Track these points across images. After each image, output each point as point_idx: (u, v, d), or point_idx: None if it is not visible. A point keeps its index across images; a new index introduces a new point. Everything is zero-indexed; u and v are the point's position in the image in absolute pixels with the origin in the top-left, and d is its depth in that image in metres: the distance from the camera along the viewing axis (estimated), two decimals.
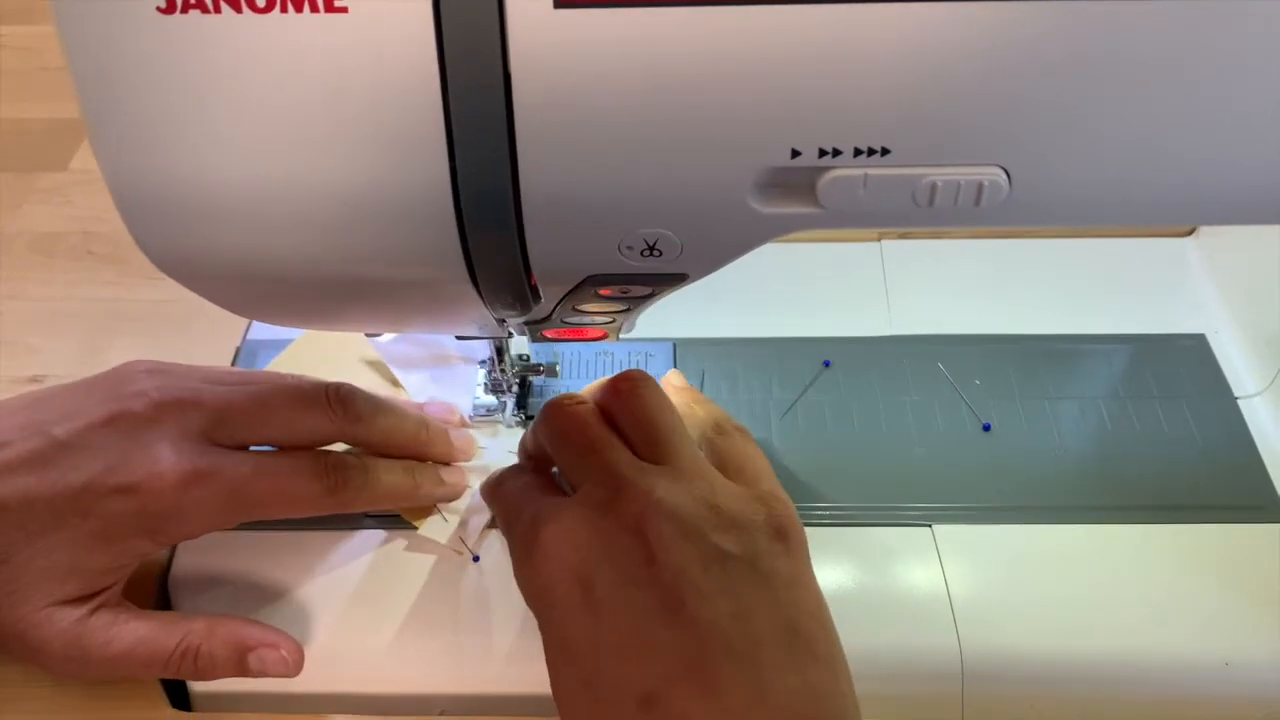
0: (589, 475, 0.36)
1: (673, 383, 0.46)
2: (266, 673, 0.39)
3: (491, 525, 0.45)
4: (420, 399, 0.49)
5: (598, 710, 0.32)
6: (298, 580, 0.44)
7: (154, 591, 0.43)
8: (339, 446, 0.46)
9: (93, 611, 0.38)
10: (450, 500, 0.45)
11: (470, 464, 0.47)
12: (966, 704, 0.41)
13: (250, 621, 0.40)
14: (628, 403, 0.39)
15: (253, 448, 0.42)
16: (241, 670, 0.39)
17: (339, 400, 0.41)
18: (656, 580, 0.33)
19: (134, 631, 0.38)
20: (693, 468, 0.37)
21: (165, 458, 0.37)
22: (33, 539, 0.36)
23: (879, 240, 0.57)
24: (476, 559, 0.44)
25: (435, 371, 0.50)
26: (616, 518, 0.34)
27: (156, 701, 0.41)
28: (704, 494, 0.35)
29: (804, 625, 0.33)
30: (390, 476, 0.42)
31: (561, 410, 0.39)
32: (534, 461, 0.42)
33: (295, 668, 0.40)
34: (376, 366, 0.51)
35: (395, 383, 0.51)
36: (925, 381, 0.51)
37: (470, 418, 0.49)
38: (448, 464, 0.47)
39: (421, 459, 0.46)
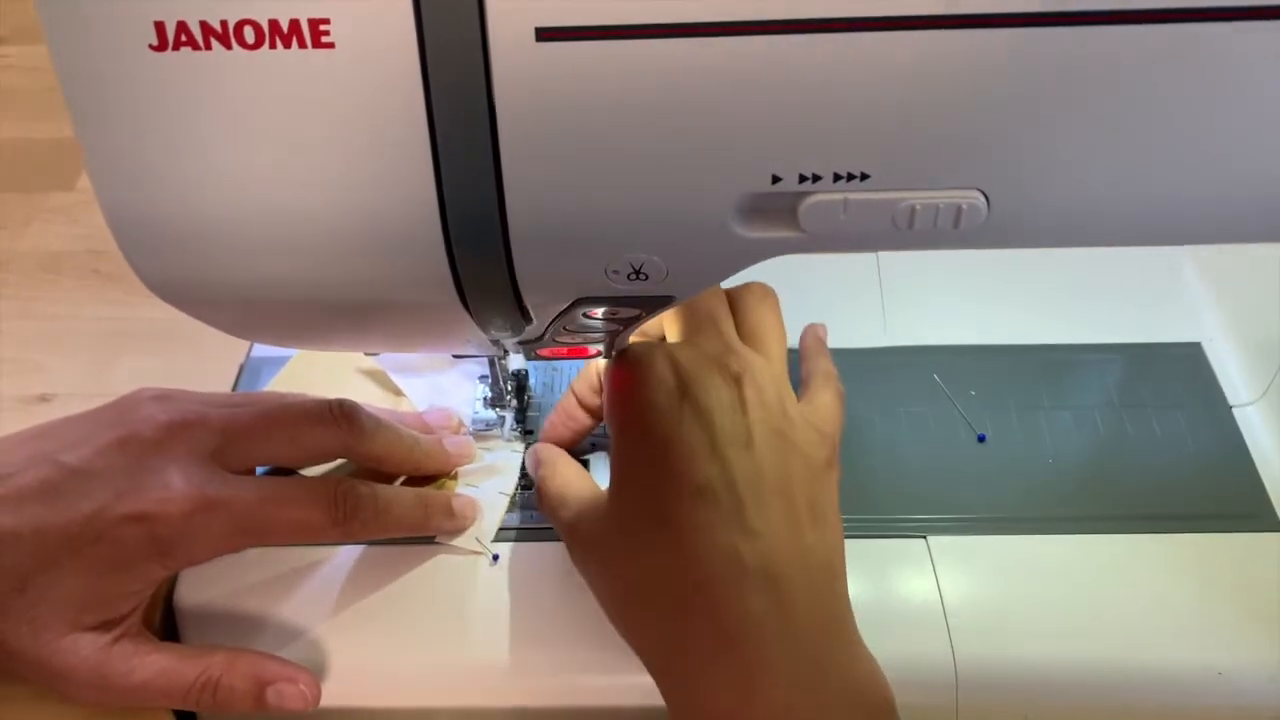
0: (706, 334, 0.41)
1: (817, 334, 0.51)
2: (284, 707, 0.40)
3: (510, 509, 0.46)
4: (421, 406, 0.50)
5: (657, 490, 0.37)
6: (302, 595, 0.44)
7: (156, 613, 0.44)
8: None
9: (115, 640, 0.38)
10: (459, 532, 0.46)
11: (479, 490, 0.47)
12: (961, 715, 0.42)
13: (269, 656, 0.41)
14: (747, 300, 0.44)
15: (261, 469, 0.42)
16: (260, 704, 0.40)
17: (344, 415, 0.42)
18: (740, 419, 0.38)
19: (155, 663, 0.39)
20: (781, 374, 0.42)
21: (174, 484, 0.38)
22: (46, 567, 0.37)
23: (875, 251, 0.57)
24: (496, 558, 0.45)
25: (435, 377, 0.51)
26: (722, 368, 0.39)
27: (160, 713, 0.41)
28: (785, 395, 0.41)
29: (829, 513, 0.39)
30: (400, 508, 0.43)
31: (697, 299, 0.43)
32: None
33: (313, 702, 0.40)
34: (375, 377, 0.52)
35: (396, 392, 0.51)
36: (920, 392, 0.51)
37: (469, 432, 0.49)
38: (445, 475, 0.47)
39: (417, 473, 0.47)
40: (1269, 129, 0.27)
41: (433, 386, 0.51)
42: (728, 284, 0.44)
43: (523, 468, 0.48)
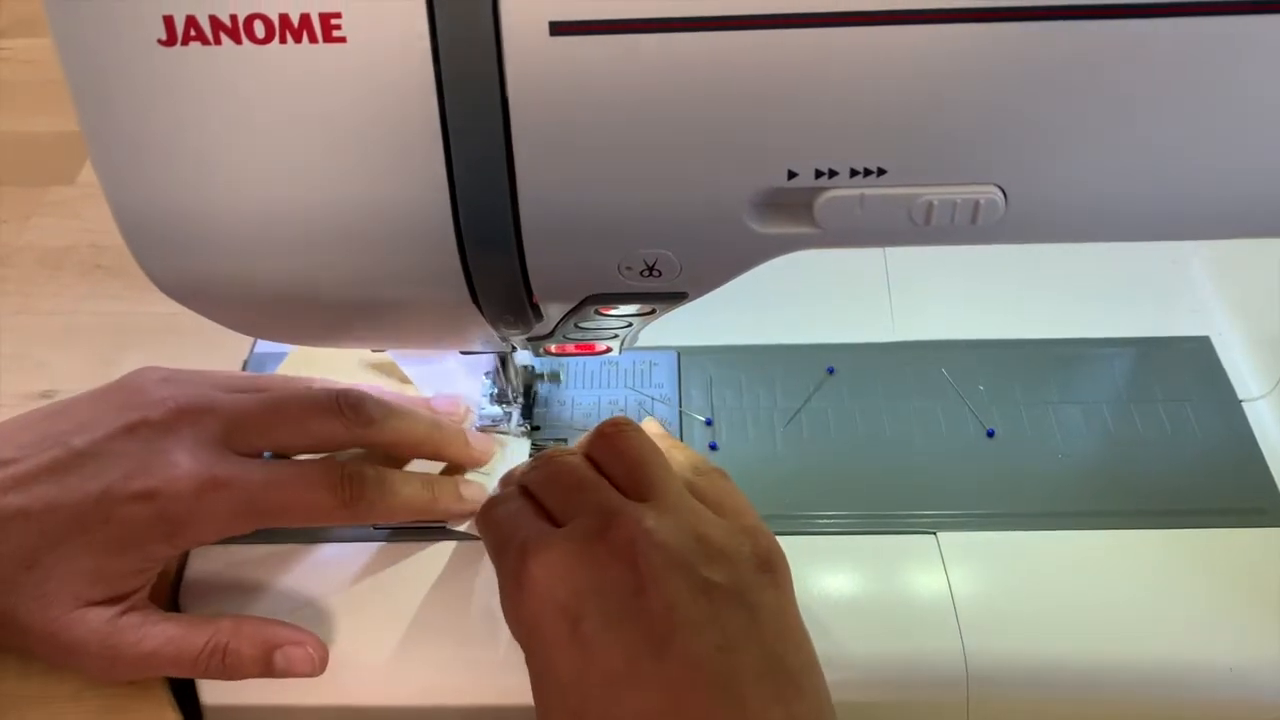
0: (580, 509, 0.37)
1: (652, 430, 0.46)
2: (292, 671, 0.40)
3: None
4: (428, 393, 0.50)
5: None
6: (306, 593, 0.44)
7: (164, 604, 0.44)
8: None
9: (123, 613, 0.39)
10: (468, 517, 0.45)
11: (490, 477, 0.47)
12: (971, 710, 0.41)
13: (275, 620, 0.41)
14: (613, 444, 0.39)
15: (268, 454, 0.42)
16: (267, 669, 0.40)
17: (350, 405, 0.42)
18: (645, 611, 0.33)
19: (164, 631, 0.39)
20: (679, 502, 0.37)
21: (182, 464, 0.38)
22: (56, 544, 0.37)
23: (890, 247, 0.57)
24: None
25: (442, 363, 0.50)
26: (607, 547, 0.34)
27: (166, 713, 0.41)
28: (692, 525, 0.36)
29: (789, 658, 0.34)
30: (407, 489, 0.43)
31: (552, 460, 0.40)
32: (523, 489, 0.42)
33: (320, 665, 0.41)
34: (378, 368, 0.52)
35: (401, 379, 0.51)
36: (929, 387, 0.51)
37: (476, 428, 0.49)
38: (465, 466, 0.47)
39: (437, 459, 0.46)
40: None
41: (439, 373, 0.51)
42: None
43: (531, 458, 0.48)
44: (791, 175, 0.27)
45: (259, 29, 0.24)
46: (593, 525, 0.35)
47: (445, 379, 0.50)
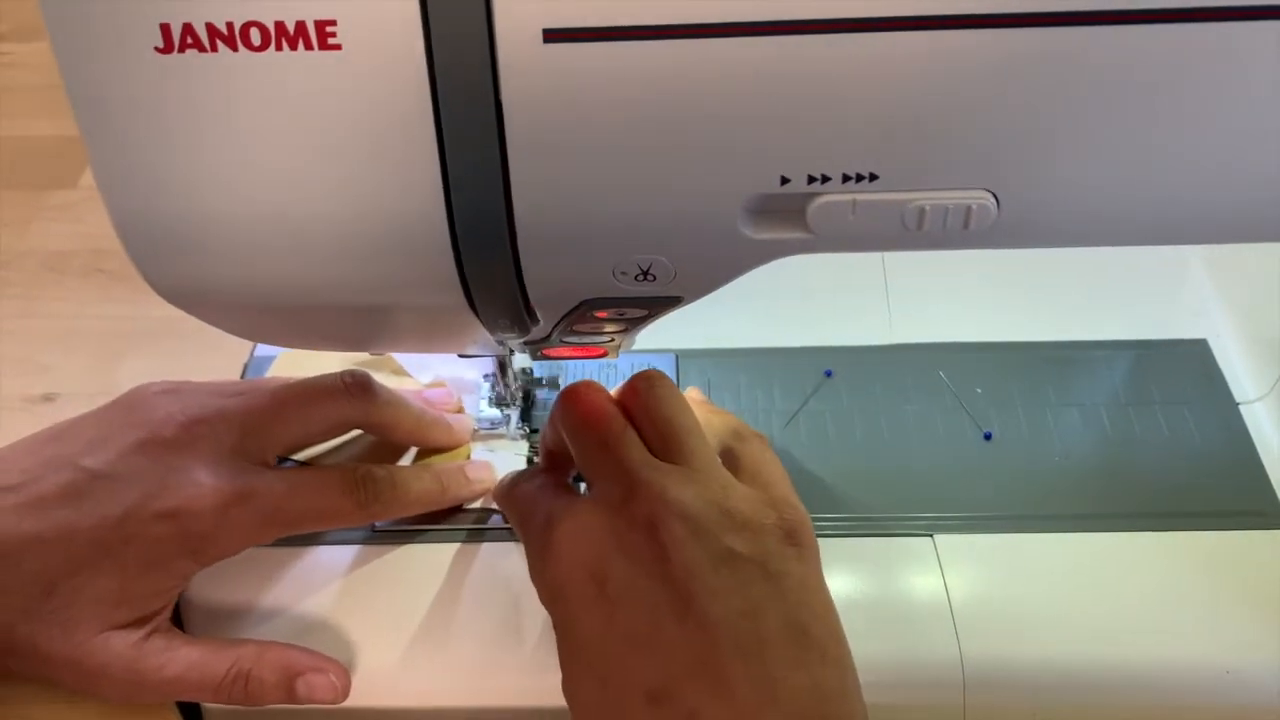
0: (604, 472, 0.37)
1: (693, 397, 0.46)
2: (314, 699, 0.40)
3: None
4: (425, 379, 0.50)
5: (607, 705, 0.33)
6: (310, 594, 0.44)
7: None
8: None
9: (147, 636, 0.39)
10: (478, 497, 0.46)
11: (495, 455, 0.48)
12: (968, 713, 0.42)
13: (297, 647, 0.41)
14: (645, 400, 0.39)
15: (280, 457, 0.42)
16: (289, 696, 0.40)
17: (355, 383, 0.43)
18: (668, 577, 0.33)
19: (187, 656, 0.39)
20: (706, 469, 0.37)
21: (203, 481, 0.38)
22: (76, 569, 0.37)
23: (883, 251, 0.57)
24: None
25: (441, 358, 0.51)
26: (629, 517, 0.35)
27: (167, 715, 0.41)
28: (716, 496, 0.36)
29: (813, 627, 0.34)
30: (418, 485, 0.44)
31: (580, 398, 0.38)
32: (552, 459, 0.42)
33: (343, 693, 0.40)
34: (372, 364, 0.52)
35: (397, 371, 0.51)
36: (926, 390, 0.51)
37: (475, 431, 0.49)
38: (446, 449, 0.48)
39: (425, 443, 0.48)
40: (1276, 128, 0.26)
41: (437, 363, 0.51)
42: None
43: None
44: (784, 181, 0.27)
45: (255, 36, 0.25)
46: (616, 493, 0.35)
47: (443, 368, 0.50)
